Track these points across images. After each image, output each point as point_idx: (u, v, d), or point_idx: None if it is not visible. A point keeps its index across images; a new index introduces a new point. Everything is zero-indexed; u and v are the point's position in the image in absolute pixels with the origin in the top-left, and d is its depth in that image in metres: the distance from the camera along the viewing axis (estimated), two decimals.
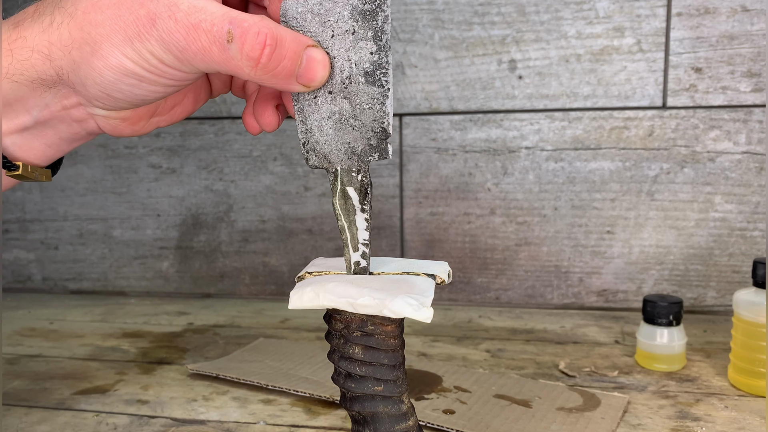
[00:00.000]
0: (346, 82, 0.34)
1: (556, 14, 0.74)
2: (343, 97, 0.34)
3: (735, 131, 0.73)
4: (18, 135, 0.38)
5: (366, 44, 0.33)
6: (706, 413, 0.50)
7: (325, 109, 0.35)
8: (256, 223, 0.86)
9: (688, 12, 0.72)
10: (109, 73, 0.34)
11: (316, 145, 0.36)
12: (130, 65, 0.34)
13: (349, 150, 0.35)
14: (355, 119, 0.35)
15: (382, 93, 0.34)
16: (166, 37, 0.33)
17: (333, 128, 0.35)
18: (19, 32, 0.35)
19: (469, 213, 0.80)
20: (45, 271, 0.94)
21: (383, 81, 0.34)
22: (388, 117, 0.34)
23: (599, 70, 0.75)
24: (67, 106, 0.37)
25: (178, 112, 0.42)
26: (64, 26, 0.34)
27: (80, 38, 0.34)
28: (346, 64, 0.34)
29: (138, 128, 0.40)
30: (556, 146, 0.77)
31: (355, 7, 0.33)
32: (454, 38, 0.77)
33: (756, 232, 0.74)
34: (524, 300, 0.80)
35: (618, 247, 0.77)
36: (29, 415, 0.52)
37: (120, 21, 0.33)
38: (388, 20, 0.33)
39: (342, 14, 0.33)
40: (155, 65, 0.34)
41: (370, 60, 0.34)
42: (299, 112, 0.35)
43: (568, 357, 0.63)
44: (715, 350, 0.64)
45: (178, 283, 0.90)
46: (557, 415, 0.49)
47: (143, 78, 0.35)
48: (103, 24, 0.33)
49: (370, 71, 0.34)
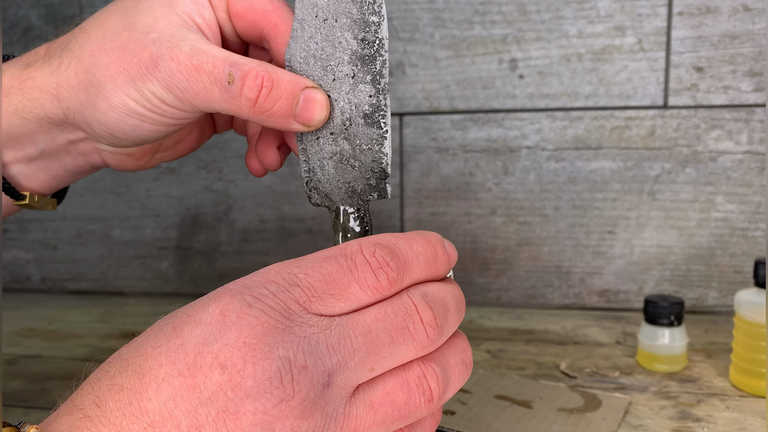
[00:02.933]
0: (347, 124, 0.35)
1: (557, 13, 0.74)
2: (344, 138, 0.36)
3: (736, 131, 0.72)
4: (24, 165, 0.40)
5: (365, 87, 0.35)
6: (707, 414, 0.50)
7: (327, 149, 0.36)
8: (256, 223, 0.86)
9: (690, 11, 0.72)
10: (113, 114, 0.36)
11: (318, 184, 0.37)
12: (132, 104, 0.35)
13: (349, 189, 0.37)
14: (356, 159, 0.36)
15: (380, 134, 0.35)
16: (168, 78, 0.34)
17: (334, 168, 0.36)
18: (30, 73, 0.37)
19: (469, 213, 0.80)
20: (44, 271, 0.93)
21: (381, 123, 0.35)
22: (387, 157, 0.36)
23: (600, 70, 0.74)
24: (73, 140, 0.39)
25: (182, 148, 0.44)
26: (71, 68, 0.36)
27: (86, 80, 0.35)
28: (346, 107, 0.35)
29: (142, 163, 0.42)
30: (557, 146, 0.77)
31: (354, 52, 0.35)
32: (455, 37, 0.77)
33: (757, 232, 0.74)
34: (525, 300, 0.80)
35: (619, 247, 0.77)
36: (28, 416, 0.52)
37: (124, 63, 0.34)
38: (386, 65, 0.35)
39: (342, 59, 0.35)
40: (157, 105, 0.35)
41: (369, 102, 0.35)
42: (302, 151, 0.37)
43: (569, 357, 0.62)
44: (717, 351, 0.63)
45: (178, 284, 0.90)
46: (558, 415, 0.49)
47: (146, 117, 0.36)
48: (108, 66, 0.35)
49: (369, 113, 0.35)
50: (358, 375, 0.27)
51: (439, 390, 0.28)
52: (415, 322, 0.28)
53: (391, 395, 0.27)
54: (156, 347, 0.26)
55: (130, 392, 0.25)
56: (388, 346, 0.27)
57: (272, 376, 0.25)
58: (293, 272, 0.27)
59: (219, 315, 0.26)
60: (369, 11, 0.34)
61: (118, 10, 0.36)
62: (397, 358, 0.27)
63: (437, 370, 0.28)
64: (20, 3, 0.87)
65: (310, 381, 0.25)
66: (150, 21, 0.35)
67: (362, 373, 0.27)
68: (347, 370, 0.26)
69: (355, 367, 0.26)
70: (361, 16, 0.34)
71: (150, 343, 0.26)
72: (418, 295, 0.29)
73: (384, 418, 0.27)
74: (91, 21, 0.37)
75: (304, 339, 0.26)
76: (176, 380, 0.25)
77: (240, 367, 0.25)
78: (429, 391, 0.28)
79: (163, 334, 0.26)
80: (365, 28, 0.34)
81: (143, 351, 0.26)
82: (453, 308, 0.30)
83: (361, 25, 0.34)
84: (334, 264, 0.28)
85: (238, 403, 0.25)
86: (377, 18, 0.34)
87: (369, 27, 0.34)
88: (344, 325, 0.27)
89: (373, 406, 0.27)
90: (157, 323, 0.28)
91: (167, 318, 0.28)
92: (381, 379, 0.28)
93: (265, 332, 0.25)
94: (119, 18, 0.36)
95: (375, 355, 0.27)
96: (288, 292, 0.27)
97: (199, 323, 0.26)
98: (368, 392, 0.27)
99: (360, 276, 0.28)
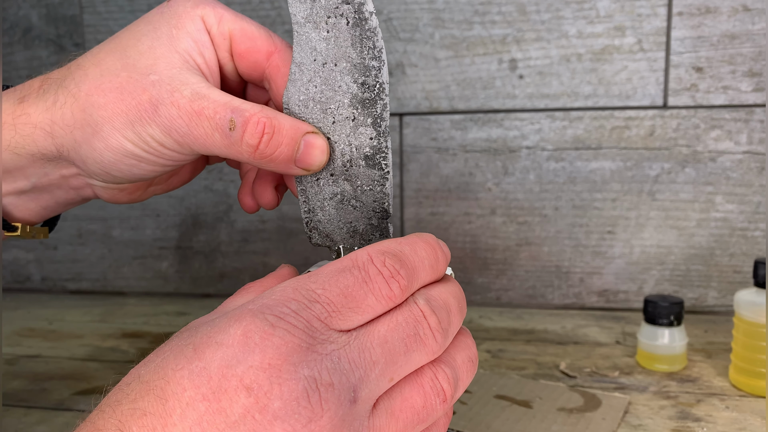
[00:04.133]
0: (347, 165, 0.36)
1: (556, 13, 0.74)
2: (345, 179, 0.36)
3: (736, 131, 0.72)
4: (15, 197, 0.39)
5: (366, 130, 0.35)
6: (707, 414, 0.50)
7: (327, 190, 0.36)
8: (256, 223, 0.86)
9: (689, 11, 0.72)
10: (109, 154, 0.35)
11: (318, 225, 0.37)
12: (130, 147, 0.35)
13: (351, 229, 0.37)
14: (357, 200, 0.36)
15: (381, 175, 0.36)
16: (168, 123, 0.34)
17: (335, 209, 0.37)
18: (24, 108, 0.36)
19: (469, 213, 0.80)
20: (44, 271, 0.94)
21: (383, 164, 0.35)
22: (389, 198, 0.36)
23: (600, 70, 0.74)
24: (66, 176, 0.38)
25: (175, 182, 0.43)
26: (67, 107, 0.35)
27: (82, 119, 0.35)
28: (347, 149, 0.35)
29: (135, 197, 0.42)
30: (557, 146, 0.77)
31: (355, 95, 0.34)
32: (455, 37, 0.77)
33: (757, 232, 0.74)
34: (525, 300, 0.80)
35: (619, 247, 0.77)
36: (28, 416, 0.52)
37: (122, 105, 0.34)
38: (386, 108, 0.35)
39: (342, 102, 0.35)
40: (155, 148, 0.35)
41: (369, 145, 0.35)
42: (302, 192, 0.37)
43: (568, 357, 0.62)
44: (716, 350, 0.63)
45: (178, 284, 0.90)
46: (558, 415, 0.49)
47: (142, 159, 0.35)
48: (106, 107, 0.34)
49: (370, 155, 0.35)
50: (379, 386, 0.27)
51: (451, 389, 0.29)
52: (424, 329, 0.28)
53: (409, 401, 0.28)
54: (177, 370, 0.26)
55: (153, 417, 0.25)
56: (404, 355, 0.28)
57: (299, 396, 0.25)
58: (311, 288, 0.27)
59: (241, 336, 0.26)
60: (369, 56, 0.34)
61: (117, 48, 0.35)
62: (411, 365, 0.28)
63: (447, 371, 0.29)
64: (20, 3, 0.87)
65: (338, 398, 0.25)
66: (150, 62, 0.34)
67: (383, 384, 0.27)
68: (370, 383, 0.26)
69: (376, 379, 0.27)
70: (361, 60, 0.34)
71: (171, 365, 0.26)
72: (422, 300, 0.29)
73: (405, 424, 0.28)
74: (88, 58, 0.36)
75: (327, 356, 0.26)
76: (201, 405, 0.25)
77: (266, 389, 0.24)
78: (443, 392, 0.29)
79: (184, 356, 0.26)
80: (365, 72, 0.34)
81: (164, 373, 0.26)
82: (455, 309, 0.31)
83: (362, 70, 0.34)
84: (350, 277, 0.28)
85: (266, 426, 0.24)
86: (377, 63, 0.34)
87: (369, 72, 0.34)
88: (362, 338, 0.27)
89: (394, 414, 0.28)
90: (175, 341, 0.27)
91: (186, 337, 0.27)
92: (398, 387, 0.28)
93: (289, 352, 0.25)
94: (118, 57, 0.35)
95: (393, 364, 0.27)
96: (309, 310, 0.27)
97: (221, 345, 0.26)
98: (388, 401, 0.28)
99: (375, 287, 0.28)
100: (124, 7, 0.84)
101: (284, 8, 0.80)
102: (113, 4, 0.85)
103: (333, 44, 0.34)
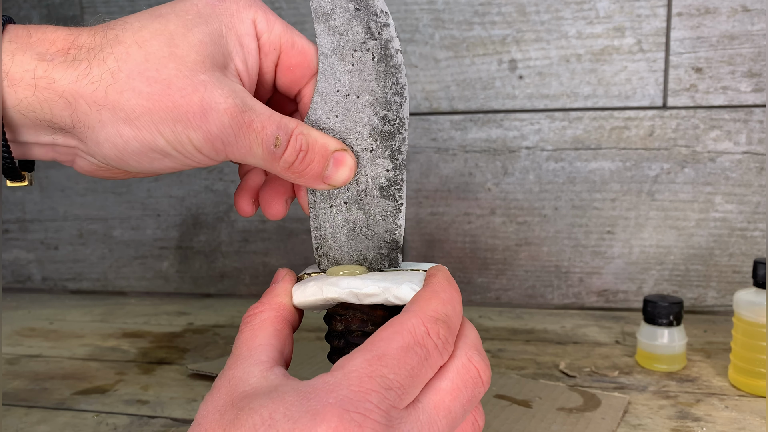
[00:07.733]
0: (362, 195, 0.36)
1: (556, 14, 0.74)
2: (358, 208, 0.36)
3: (735, 131, 0.73)
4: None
5: (383, 162, 0.36)
6: (706, 413, 0.50)
7: (339, 217, 0.37)
8: (256, 224, 0.86)
9: (689, 12, 0.72)
10: (136, 144, 0.32)
11: (328, 251, 0.37)
12: (162, 143, 0.32)
13: (360, 257, 0.37)
14: (368, 229, 0.37)
15: (395, 207, 0.36)
16: (215, 130, 0.32)
17: (346, 236, 0.37)
18: (48, 71, 0.31)
19: (469, 213, 0.80)
20: (45, 271, 0.94)
21: (397, 196, 0.36)
22: (400, 229, 0.37)
23: (600, 70, 0.75)
24: (58, 144, 0.34)
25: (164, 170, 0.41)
26: (102, 84, 0.31)
27: (116, 101, 0.32)
28: (363, 178, 0.36)
29: (114, 175, 0.38)
30: (557, 146, 0.77)
31: (374, 127, 0.35)
32: (455, 38, 0.77)
33: (756, 232, 0.74)
34: (524, 300, 0.80)
35: (618, 247, 0.77)
36: (29, 416, 0.52)
37: (168, 100, 0.32)
38: (405, 142, 0.35)
39: (362, 133, 0.35)
40: (188, 150, 0.33)
41: (386, 176, 0.36)
42: (314, 218, 0.37)
43: (568, 357, 0.63)
44: (716, 350, 0.63)
45: (178, 283, 0.90)
46: (557, 415, 0.49)
47: (169, 156, 0.33)
48: (150, 98, 0.31)
49: (385, 186, 0.36)
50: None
51: (483, 424, 0.33)
52: (481, 387, 0.31)
53: None
54: None
55: None
56: (462, 416, 0.30)
57: None
58: (383, 374, 0.28)
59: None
60: (392, 91, 0.35)
61: (163, 32, 0.32)
62: None
63: (480, 407, 0.33)
64: (21, 4, 0.87)
65: None
66: (200, 59, 0.32)
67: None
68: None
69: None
70: (384, 95, 0.35)
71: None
72: (476, 355, 0.31)
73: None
74: (129, 33, 0.32)
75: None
76: None
77: None
78: (479, 428, 0.32)
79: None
80: (387, 106, 0.35)
81: None
82: (475, 336, 0.33)
83: (383, 104, 0.35)
84: (414, 357, 0.29)
85: None
86: (399, 98, 0.35)
87: (390, 106, 0.35)
88: (428, 411, 0.29)
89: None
90: None
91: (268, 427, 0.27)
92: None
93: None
94: (164, 43, 0.32)
95: (454, 428, 0.30)
96: (387, 400, 0.28)
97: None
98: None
99: (433, 362, 0.30)
100: (124, 7, 0.85)
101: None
102: (114, 5, 0.85)
103: (357, 77, 0.35)
